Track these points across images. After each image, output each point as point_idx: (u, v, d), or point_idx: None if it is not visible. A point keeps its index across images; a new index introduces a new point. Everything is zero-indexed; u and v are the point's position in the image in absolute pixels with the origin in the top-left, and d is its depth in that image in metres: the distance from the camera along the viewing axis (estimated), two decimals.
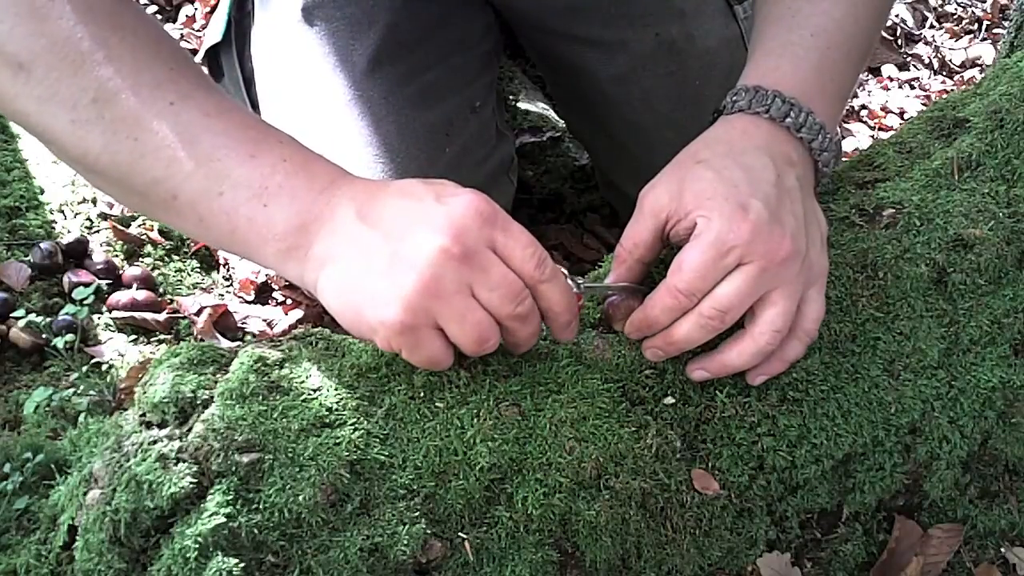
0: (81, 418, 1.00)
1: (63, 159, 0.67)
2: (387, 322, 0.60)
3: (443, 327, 0.62)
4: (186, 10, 1.97)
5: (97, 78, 0.62)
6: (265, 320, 1.29)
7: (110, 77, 0.62)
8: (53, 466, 0.72)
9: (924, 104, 2.13)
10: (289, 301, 1.33)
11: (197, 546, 0.59)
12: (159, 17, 1.95)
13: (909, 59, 2.32)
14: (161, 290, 1.29)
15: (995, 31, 2.38)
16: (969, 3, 2.47)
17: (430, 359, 0.63)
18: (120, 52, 0.63)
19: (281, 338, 0.73)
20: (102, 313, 1.23)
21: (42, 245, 1.24)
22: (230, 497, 0.61)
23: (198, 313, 1.25)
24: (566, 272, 0.68)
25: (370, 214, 0.63)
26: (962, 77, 2.26)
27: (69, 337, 1.13)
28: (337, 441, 0.64)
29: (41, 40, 0.61)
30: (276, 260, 0.65)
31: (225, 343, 1.22)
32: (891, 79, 2.25)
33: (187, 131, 0.63)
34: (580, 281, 0.70)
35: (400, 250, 0.61)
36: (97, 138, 0.63)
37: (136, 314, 1.22)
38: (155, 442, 0.63)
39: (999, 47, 1.68)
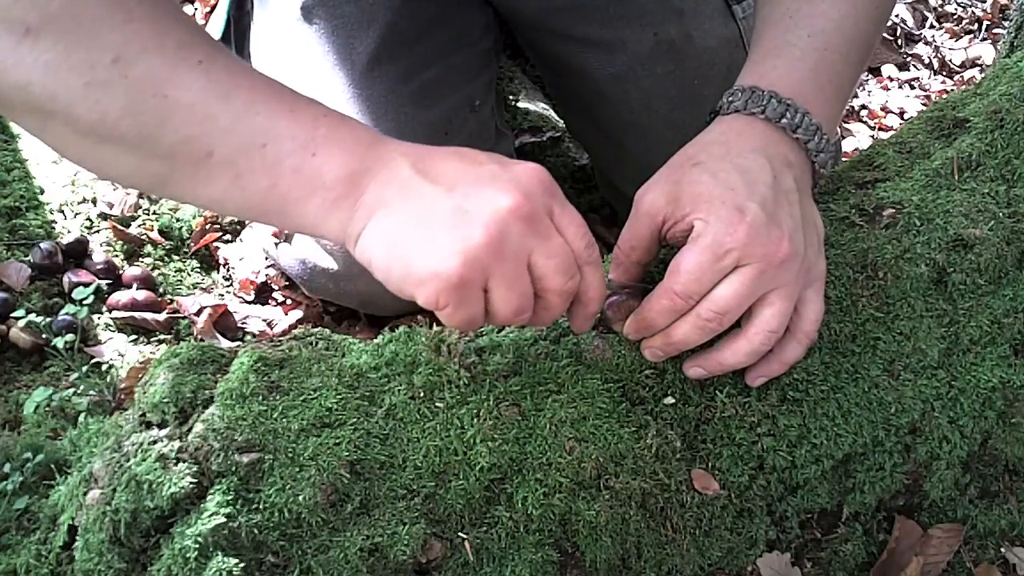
0: (81, 418, 1.00)
1: (65, 131, 0.63)
2: (444, 274, 0.58)
3: (490, 289, 0.60)
4: (186, 9, 1.97)
5: (117, 39, 0.59)
6: (265, 320, 1.29)
7: (131, 38, 0.60)
8: (53, 466, 0.72)
9: (924, 104, 2.13)
10: (289, 301, 1.33)
11: (197, 546, 0.59)
12: None
13: (909, 59, 2.32)
14: (161, 290, 1.29)
15: (995, 31, 2.38)
16: (969, 3, 2.47)
17: (469, 319, 0.61)
18: (140, 14, 0.60)
19: (281, 338, 0.73)
20: (102, 313, 1.23)
21: (42, 245, 1.24)
22: (230, 497, 0.61)
23: (198, 313, 1.25)
24: None
25: (429, 170, 0.62)
26: (962, 77, 2.26)
27: (69, 337, 1.13)
28: (337, 441, 0.64)
29: (53, 3, 0.58)
30: (319, 213, 0.63)
31: (225, 343, 1.22)
32: (891, 79, 2.25)
33: (220, 87, 0.61)
34: (607, 276, 0.70)
35: (464, 205, 0.59)
36: (118, 99, 0.60)
37: (136, 314, 1.22)
38: (155, 442, 0.63)
39: (999, 47, 1.68)
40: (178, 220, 1.38)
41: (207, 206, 0.69)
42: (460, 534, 0.65)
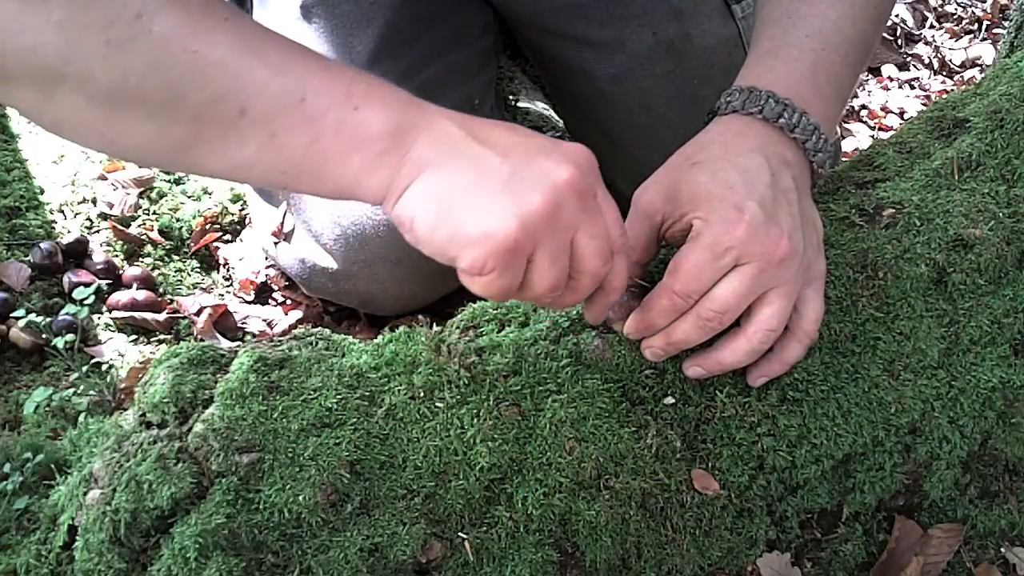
0: (81, 418, 1.00)
1: (76, 99, 0.57)
2: (498, 236, 0.56)
3: (534, 260, 0.59)
4: None
5: None
6: (265, 320, 1.29)
7: None
8: (53, 466, 0.72)
9: (924, 104, 2.13)
10: (289, 301, 1.33)
11: (197, 546, 0.59)
12: None
13: (909, 59, 2.32)
14: (161, 290, 1.29)
15: (995, 31, 2.38)
16: (969, 3, 2.47)
17: (506, 289, 0.60)
18: None
19: (281, 338, 0.73)
20: (102, 313, 1.23)
21: (42, 245, 1.24)
22: (230, 497, 0.61)
23: (198, 313, 1.25)
24: None
25: (480, 135, 0.60)
26: (962, 77, 2.26)
27: (69, 337, 1.13)
28: (337, 441, 0.64)
29: None
30: (362, 168, 0.60)
31: (225, 343, 1.22)
32: (891, 79, 2.25)
33: (251, 43, 0.58)
34: None
35: (521, 171, 0.58)
36: (142, 57, 0.55)
37: (136, 314, 1.22)
38: (155, 442, 0.63)
39: (999, 47, 1.68)
40: (178, 220, 1.38)
41: (232, 173, 0.64)
42: (460, 534, 0.65)
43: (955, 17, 2.46)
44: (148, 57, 0.55)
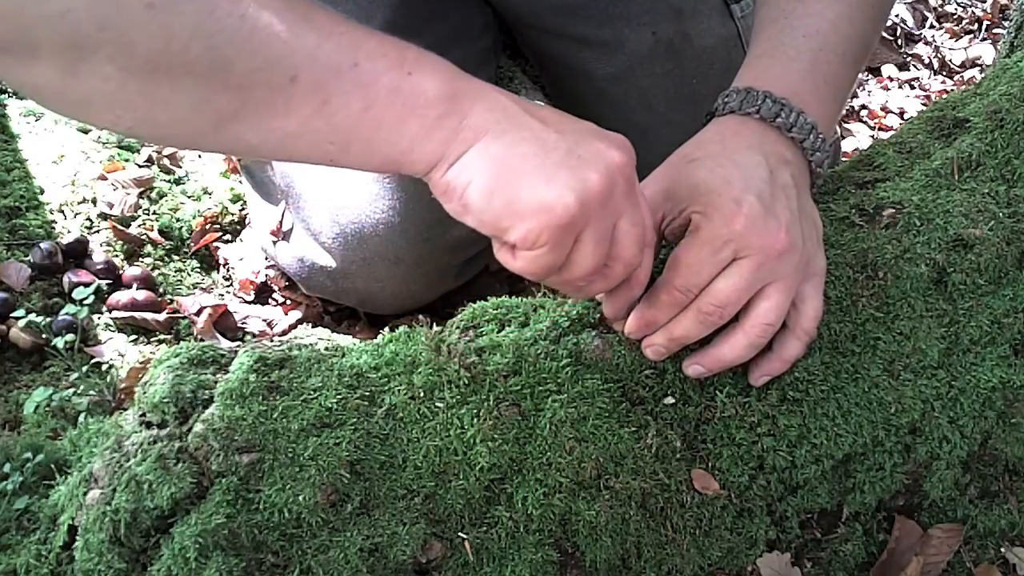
0: (81, 418, 1.00)
1: (109, 69, 0.53)
2: (557, 210, 0.56)
3: (581, 240, 0.58)
4: None
5: None
6: (265, 320, 1.29)
7: None
8: (53, 466, 0.72)
9: (924, 104, 2.13)
10: (289, 301, 1.33)
11: (197, 546, 0.59)
12: None
13: (909, 59, 2.32)
14: (161, 290, 1.29)
15: (995, 31, 2.38)
16: (969, 3, 2.47)
17: (550, 266, 0.59)
18: None
19: (281, 338, 0.73)
20: (102, 313, 1.23)
21: (42, 245, 1.24)
22: (230, 497, 0.61)
23: (198, 313, 1.25)
24: None
25: (531, 110, 0.60)
26: (962, 77, 2.26)
27: (69, 337, 1.13)
28: (337, 441, 0.64)
29: None
30: (419, 133, 0.58)
31: (225, 343, 1.22)
32: (891, 79, 2.25)
33: (299, 7, 0.56)
34: None
35: (577, 150, 0.58)
36: (187, 20, 0.52)
37: (136, 314, 1.22)
38: (155, 442, 0.63)
39: (999, 47, 1.68)
40: (178, 220, 1.38)
41: (273, 146, 0.60)
42: (460, 534, 0.65)
43: (955, 17, 2.46)
44: (193, 21, 0.52)
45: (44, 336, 1.15)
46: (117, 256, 1.31)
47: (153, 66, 0.53)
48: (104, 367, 1.15)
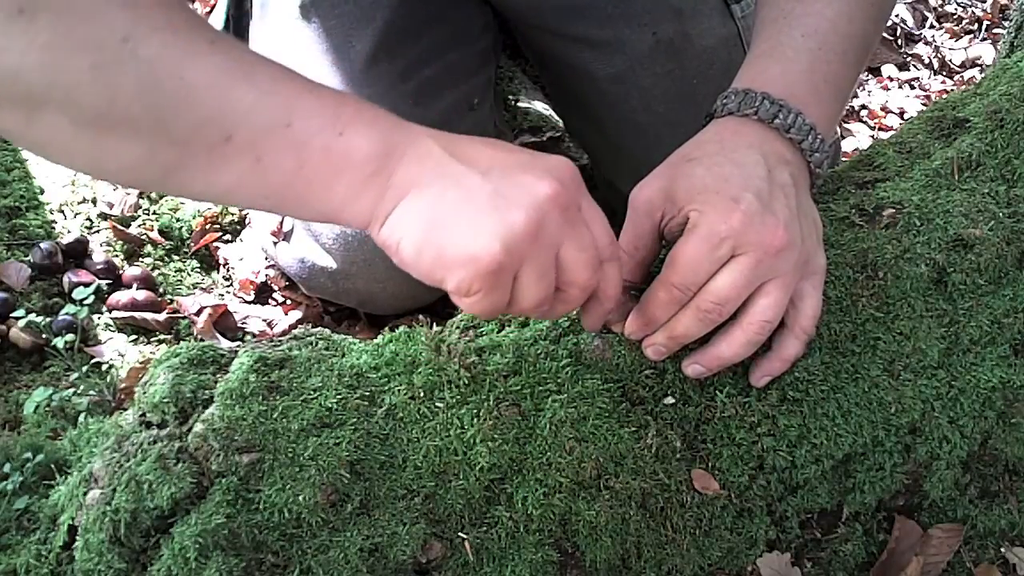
0: (81, 418, 1.00)
1: (61, 122, 0.56)
2: (483, 258, 0.56)
3: (520, 277, 0.59)
4: None
5: (125, 17, 0.54)
6: (265, 320, 1.29)
7: (140, 17, 0.55)
8: (53, 466, 0.72)
9: (924, 104, 2.13)
10: (289, 301, 1.33)
11: (197, 546, 0.59)
12: None
13: (909, 59, 2.32)
14: (161, 290, 1.29)
15: (995, 31, 2.38)
16: (969, 3, 2.47)
17: (494, 307, 0.60)
18: None
19: (281, 338, 0.73)
20: (102, 313, 1.23)
21: (42, 245, 1.24)
22: (230, 497, 0.61)
23: (198, 313, 1.25)
24: None
25: (459, 153, 0.60)
26: (962, 77, 2.26)
27: (69, 337, 1.13)
28: (337, 441, 0.64)
29: None
30: (348, 193, 0.59)
31: (225, 343, 1.22)
32: (891, 79, 2.25)
33: (239, 65, 0.57)
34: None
35: (502, 189, 0.58)
36: (130, 81, 0.54)
37: (136, 314, 1.22)
38: (155, 442, 0.63)
39: (999, 47, 1.68)
40: (178, 220, 1.38)
41: (217, 197, 0.63)
42: (460, 534, 0.65)
43: (955, 17, 2.46)
44: (135, 81, 0.55)
45: (44, 336, 1.15)
46: (117, 256, 1.31)
47: (99, 121, 0.56)
48: (104, 367, 1.15)
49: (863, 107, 2.14)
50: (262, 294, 1.34)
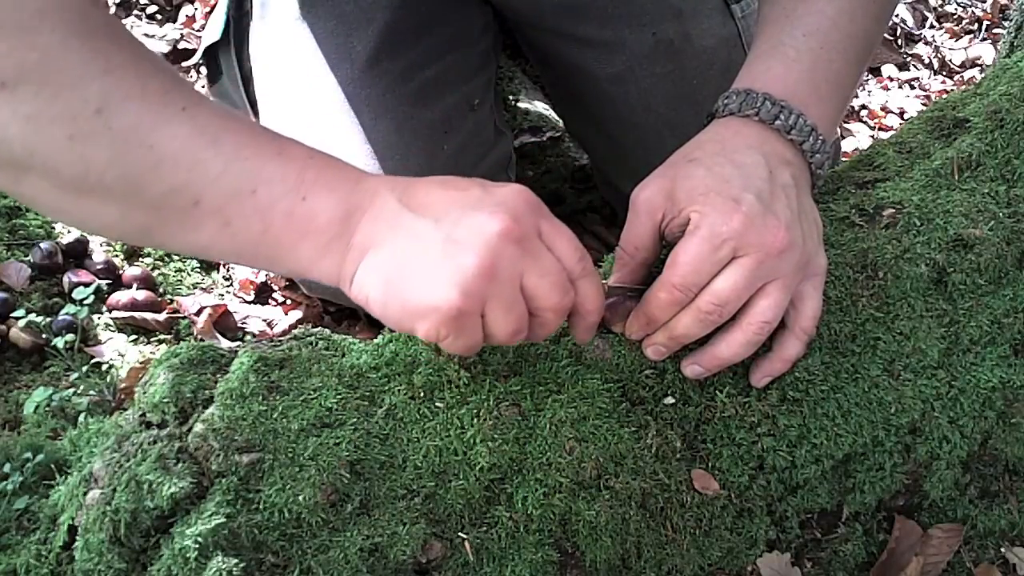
0: (81, 418, 1.00)
1: (43, 185, 0.61)
2: (443, 307, 0.58)
3: (487, 314, 0.60)
4: (186, 10, 1.97)
5: (99, 89, 0.58)
6: (265, 320, 1.29)
7: (113, 87, 0.58)
8: (53, 466, 0.72)
9: (924, 104, 2.13)
10: (289, 301, 1.33)
11: (197, 546, 0.59)
12: (159, 17, 1.95)
13: (909, 59, 2.32)
14: (161, 290, 1.29)
15: (995, 31, 2.38)
16: (969, 3, 2.47)
17: (469, 346, 0.62)
18: (121, 62, 0.60)
19: (281, 338, 0.73)
20: (102, 313, 1.23)
21: (42, 245, 1.24)
22: (230, 497, 0.61)
23: (198, 313, 1.25)
24: None
25: (414, 202, 0.62)
26: (962, 77, 2.26)
27: (69, 337, 1.13)
28: (337, 441, 0.64)
29: (31, 54, 0.57)
30: (312, 256, 0.63)
31: (225, 343, 1.22)
32: (891, 79, 2.25)
33: (206, 133, 0.60)
34: (604, 282, 0.70)
35: (454, 234, 0.59)
36: (103, 152, 0.59)
37: (136, 314, 1.22)
38: (155, 442, 0.63)
39: (999, 47, 1.68)
40: None
41: (196, 253, 0.68)
42: (460, 534, 0.65)
43: (955, 17, 2.46)
44: (108, 152, 0.58)
45: (44, 336, 1.15)
46: (117, 256, 1.31)
47: (77, 187, 0.60)
48: (104, 367, 1.15)
49: (863, 107, 2.14)
50: (262, 294, 1.34)
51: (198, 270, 1.36)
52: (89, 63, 0.58)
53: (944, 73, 2.29)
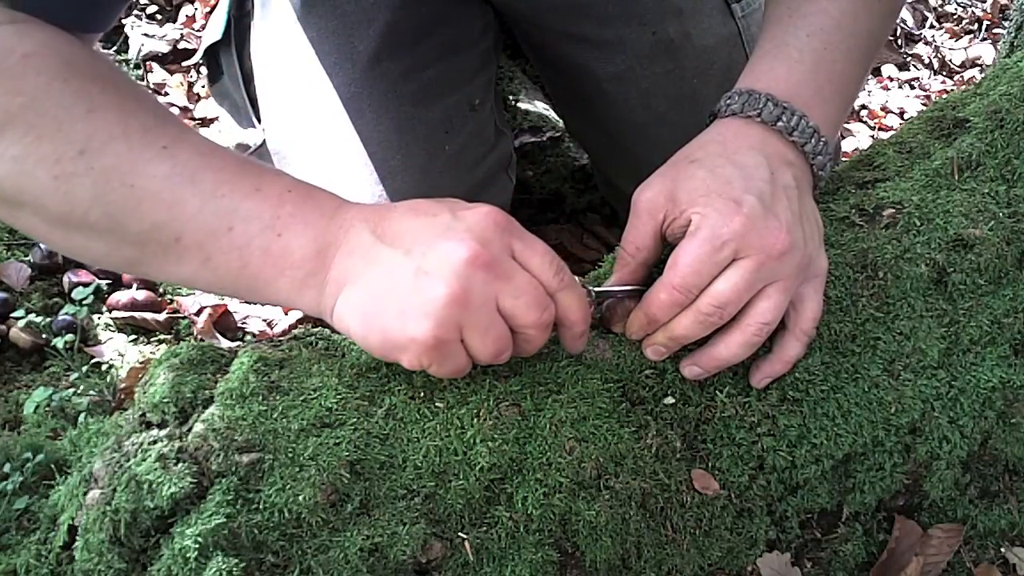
0: (81, 418, 1.00)
1: (35, 220, 0.64)
2: (419, 338, 0.60)
3: (466, 339, 0.62)
4: (186, 10, 1.97)
5: (82, 131, 0.61)
6: (265, 320, 1.29)
7: (96, 128, 0.61)
8: (53, 466, 0.72)
9: (924, 104, 2.13)
10: None
11: (197, 546, 0.59)
12: (159, 17, 1.95)
13: (909, 59, 2.32)
14: (161, 290, 1.29)
15: (995, 31, 2.38)
16: (969, 3, 2.47)
17: (455, 370, 0.64)
18: (104, 102, 0.62)
19: (281, 338, 0.73)
20: (102, 313, 1.23)
21: (42, 245, 1.24)
22: (230, 497, 0.61)
23: (198, 313, 1.25)
24: (577, 280, 0.68)
25: (386, 233, 0.63)
26: (962, 77, 2.26)
27: (69, 337, 1.13)
28: (337, 441, 0.64)
29: (17, 99, 0.60)
30: (291, 290, 0.64)
31: (225, 343, 1.22)
32: (891, 79, 2.25)
33: (186, 171, 0.62)
34: (592, 288, 0.70)
35: (424, 264, 0.60)
36: (87, 191, 0.61)
37: (136, 314, 1.22)
38: (155, 442, 0.63)
39: (999, 47, 1.68)
40: None
41: (183, 284, 0.72)
42: (460, 534, 0.65)
43: (955, 17, 2.46)
44: (91, 191, 0.61)
45: (44, 336, 1.15)
46: None
47: (65, 223, 0.63)
48: (104, 367, 1.15)
49: (863, 107, 2.14)
50: None
51: None
52: (72, 106, 0.61)
53: (944, 73, 2.29)
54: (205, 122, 1.74)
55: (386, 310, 0.61)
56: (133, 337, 1.21)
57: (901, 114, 2.13)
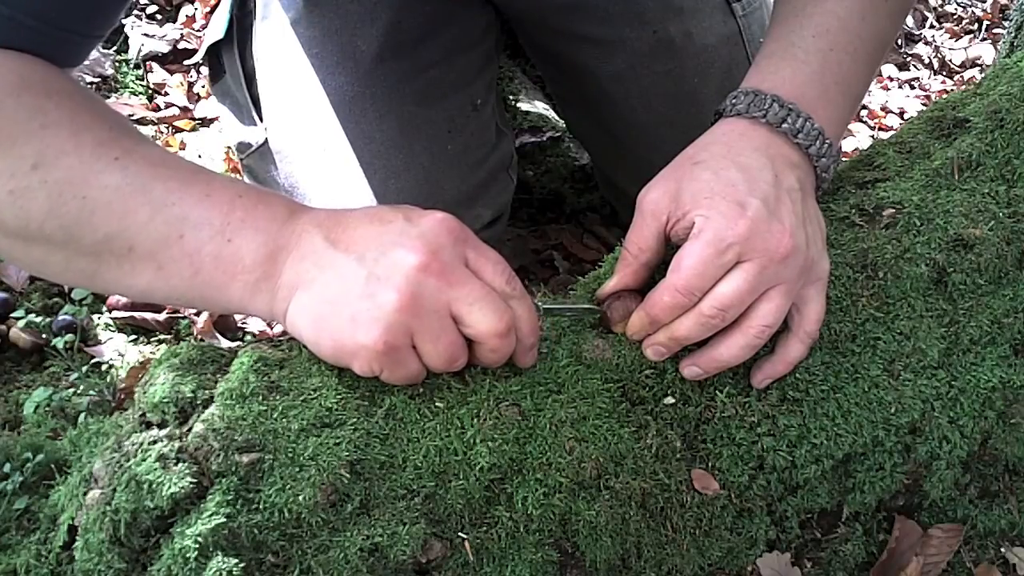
0: (81, 418, 1.00)
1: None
2: (369, 344, 0.60)
3: (417, 345, 0.62)
4: (186, 10, 1.97)
5: (35, 145, 0.62)
6: (265, 320, 1.29)
7: (49, 143, 0.62)
8: (53, 466, 0.72)
9: (924, 104, 2.13)
10: None
11: (197, 546, 0.59)
12: (159, 17, 1.95)
13: (909, 59, 2.32)
14: None
15: (995, 31, 2.38)
16: (969, 3, 2.47)
17: (408, 377, 0.64)
18: (57, 117, 0.63)
19: (281, 338, 0.73)
20: (102, 313, 1.23)
21: None
22: (230, 497, 0.61)
23: (198, 313, 1.25)
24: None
25: (339, 239, 0.63)
26: (962, 77, 2.26)
27: (69, 337, 1.13)
28: (337, 441, 0.64)
29: None
30: (243, 296, 0.65)
31: (225, 343, 1.22)
32: (891, 79, 2.25)
33: (136, 181, 0.63)
34: (539, 304, 0.70)
35: (375, 271, 0.61)
36: (40, 204, 0.62)
37: (136, 314, 1.22)
38: (155, 442, 0.63)
39: (999, 47, 1.68)
40: None
41: (140, 297, 0.71)
42: (460, 534, 0.65)
43: (955, 17, 2.46)
44: (46, 204, 0.62)
45: (44, 336, 1.15)
46: None
47: (23, 236, 0.64)
48: (104, 367, 1.15)
49: (863, 107, 2.14)
50: None
51: None
52: (25, 122, 0.62)
53: (944, 73, 2.29)
54: (205, 122, 1.74)
55: (337, 315, 0.61)
56: (133, 337, 1.21)
57: (901, 114, 2.13)
